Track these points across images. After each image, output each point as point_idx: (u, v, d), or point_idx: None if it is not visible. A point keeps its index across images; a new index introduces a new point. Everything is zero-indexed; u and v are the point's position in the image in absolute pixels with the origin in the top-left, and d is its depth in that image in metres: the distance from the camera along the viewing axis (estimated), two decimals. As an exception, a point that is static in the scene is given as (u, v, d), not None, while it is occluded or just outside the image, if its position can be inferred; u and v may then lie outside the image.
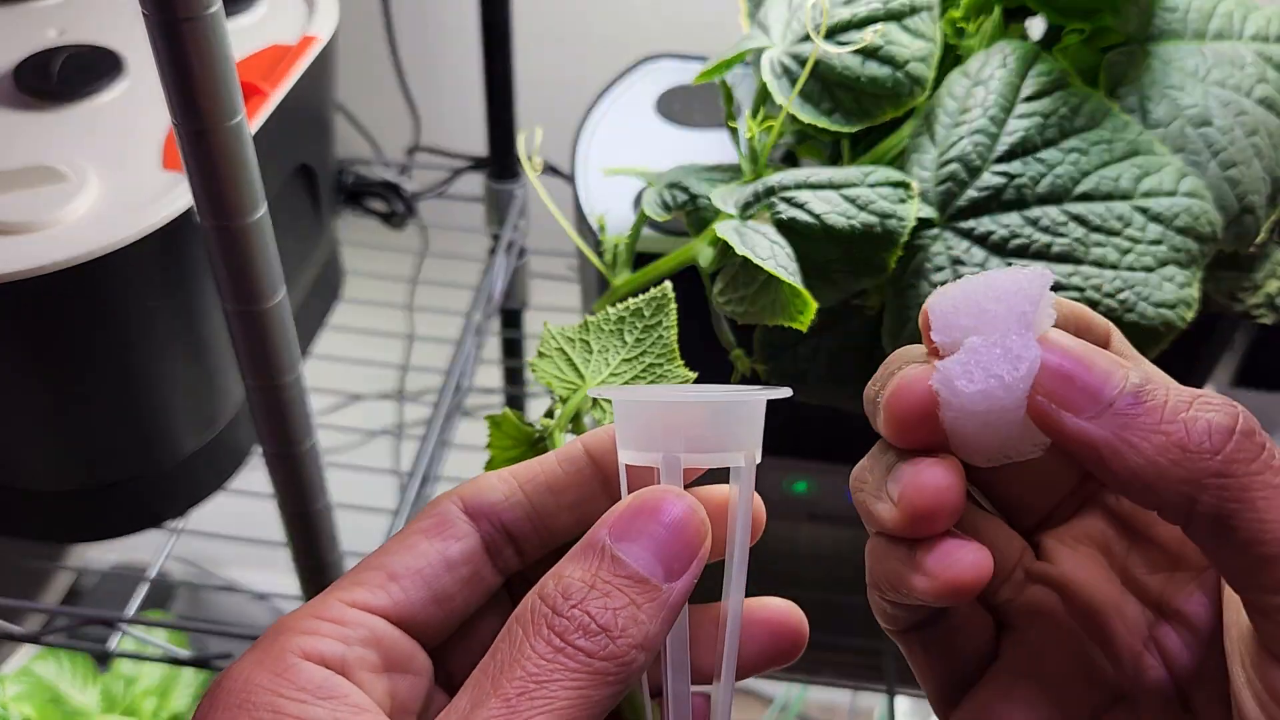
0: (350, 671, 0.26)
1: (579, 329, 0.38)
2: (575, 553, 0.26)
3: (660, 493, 0.27)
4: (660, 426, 0.28)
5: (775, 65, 0.50)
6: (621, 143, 0.65)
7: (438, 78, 0.97)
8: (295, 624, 0.26)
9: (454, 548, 0.28)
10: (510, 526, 0.29)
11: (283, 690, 0.25)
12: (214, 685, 0.25)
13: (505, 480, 0.29)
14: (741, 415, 0.28)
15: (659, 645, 0.26)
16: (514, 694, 0.23)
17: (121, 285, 0.52)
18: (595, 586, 0.25)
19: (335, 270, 0.79)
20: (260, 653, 0.26)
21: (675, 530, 0.26)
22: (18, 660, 0.99)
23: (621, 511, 0.26)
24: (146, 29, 0.35)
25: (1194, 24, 0.52)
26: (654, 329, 0.37)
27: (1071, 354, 0.24)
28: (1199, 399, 0.23)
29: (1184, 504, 0.23)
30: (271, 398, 0.46)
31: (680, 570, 0.26)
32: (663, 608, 0.25)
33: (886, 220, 0.46)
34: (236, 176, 0.38)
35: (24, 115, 0.57)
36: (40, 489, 0.60)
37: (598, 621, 0.24)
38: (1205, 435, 0.22)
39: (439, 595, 0.28)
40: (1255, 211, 0.49)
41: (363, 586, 0.27)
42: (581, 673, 0.24)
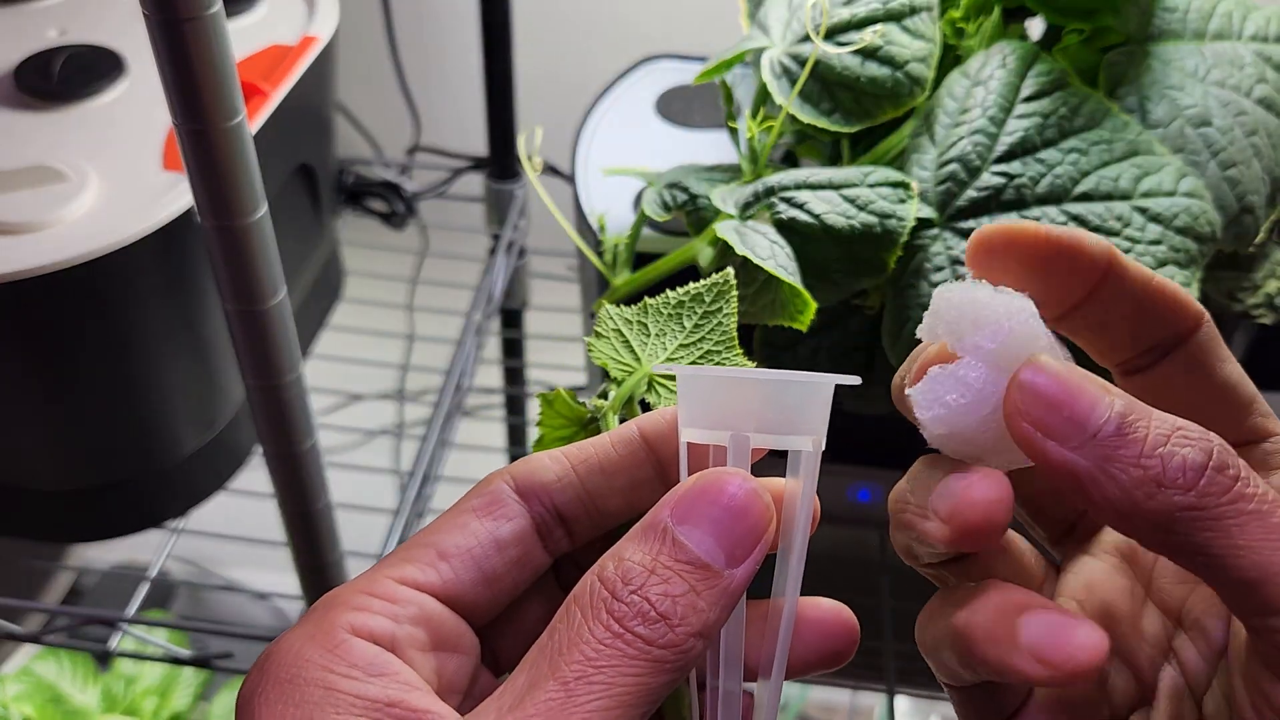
0: (400, 649, 0.26)
1: (637, 310, 0.37)
2: (635, 533, 0.25)
3: (725, 474, 0.26)
4: (729, 404, 0.27)
5: (775, 65, 0.50)
6: (621, 143, 0.65)
7: (438, 78, 0.97)
8: (346, 599, 0.26)
9: (505, 528, 0.28)
10: (562, 508, 0.29)
11: (334, 666, 0.24)
12: (263, 658, 0.25)
13: (558, 460, 0.29)
14: (812, 397, 0.27)
15: (717, 633, 0.25)
16: (572, 677, 0.23)
17: (122, 285, 0.52)
18: (655, 571, 0.24)
19: (335, 270, 0.79)
20: (311, 627, 0.25)
21: (739, 514, 0.25)
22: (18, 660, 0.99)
23: (685, 492, 0.26)
24: (147, 29, 0.35)
25: (1193, 24, 0.52)
26: (713, 315, 0.36)
27: (1059, 381, 0.24)
28: (1177, 432, 0.23)
29: (1160, 536, 0.23)
30: (272, 398, 0.46)
31: (742, 556, 0.25)
32: (723, 595, 0.25)
33: (886, 220, 0.46)
34: (237, 176, 0.38)
35: (24, 115, 0.57)
36: (40, 489, 0.60)
37: (657, 609, 0.24)
38: (1180, 471, 0.23)
39: (489, 575, 0.28)
40: (1254, 211, 0.49)
41: (413, 564, 0.27)
42: (639, 660, 0.24)
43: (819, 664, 0.29)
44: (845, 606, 0.30)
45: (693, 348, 0.36)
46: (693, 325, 0.36)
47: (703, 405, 0.27)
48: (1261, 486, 0.23)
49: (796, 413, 0.27)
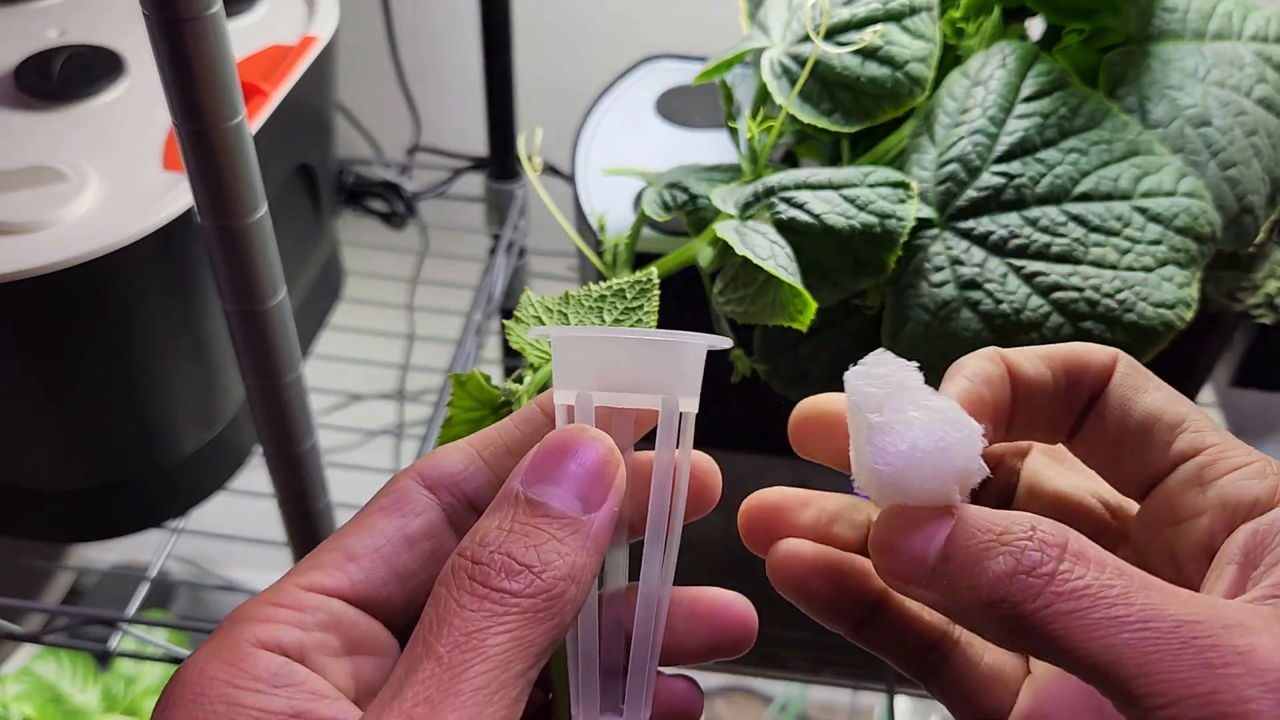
0: (309, 657, 0.25)
1: (559, 300, 0.37)
2: (490, 508, 0.26)
3: (565, 431, 0.26)
4: (580, 364, 0.27)
5: (775, 65, 0.50)
6: (621, 143, 0.65)
7: (438, 78, 0.97)
8: (250, 612, 0.26)
9: (414, 523, 0.28)
10: (472, 496, 0.28)
11: (237, 681, 0.24)
12: (171, 680, 0.25)
13: (462, 450, 0.29)
14: (665, 357, 0.27)
15: (590, 578, 0.25)
16: (445, 651, 0.23)
17: (122, 285, 0.52)
18: (513, 530, 0.25)
19: (335, 270, 0.79)
20: (215, 644, 0.25)
21: (582, 462, 0.26)
22: (18, 660, 0.99)
23: (531, 458, 0.26)
24: (147, 29, 0.35)
25: (1193, 24, 0.52)
26: (634, 312, 0.36)
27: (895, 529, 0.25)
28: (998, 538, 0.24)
29: (1018, 644, 0.24)
30: (272, 397, 0.46)
31: (599, 501, 0.25)
32: (586, 538, 0.25)
33: (886, 220, 0.46)
34: (237, 176, 0.38)
35: (25, 115, 0.57)
36: (40, 489, 0.60)
37: (519, 560, 0.24)
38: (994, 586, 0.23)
39: (400, 573, 0.27)
40: (1254, 211, 0.49)
41: (320, 569, 0.27)
42: (511, 615, 0.23)
43: (713, 652, 0.29)
44: (741, 595, 0.29)
45: None
46: (613, 320, 0.36)
47: (560, 366, 0.28)
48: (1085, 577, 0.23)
49: (648, 372, 0.27)
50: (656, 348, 0.27)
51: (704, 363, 0.28)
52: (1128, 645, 0.22)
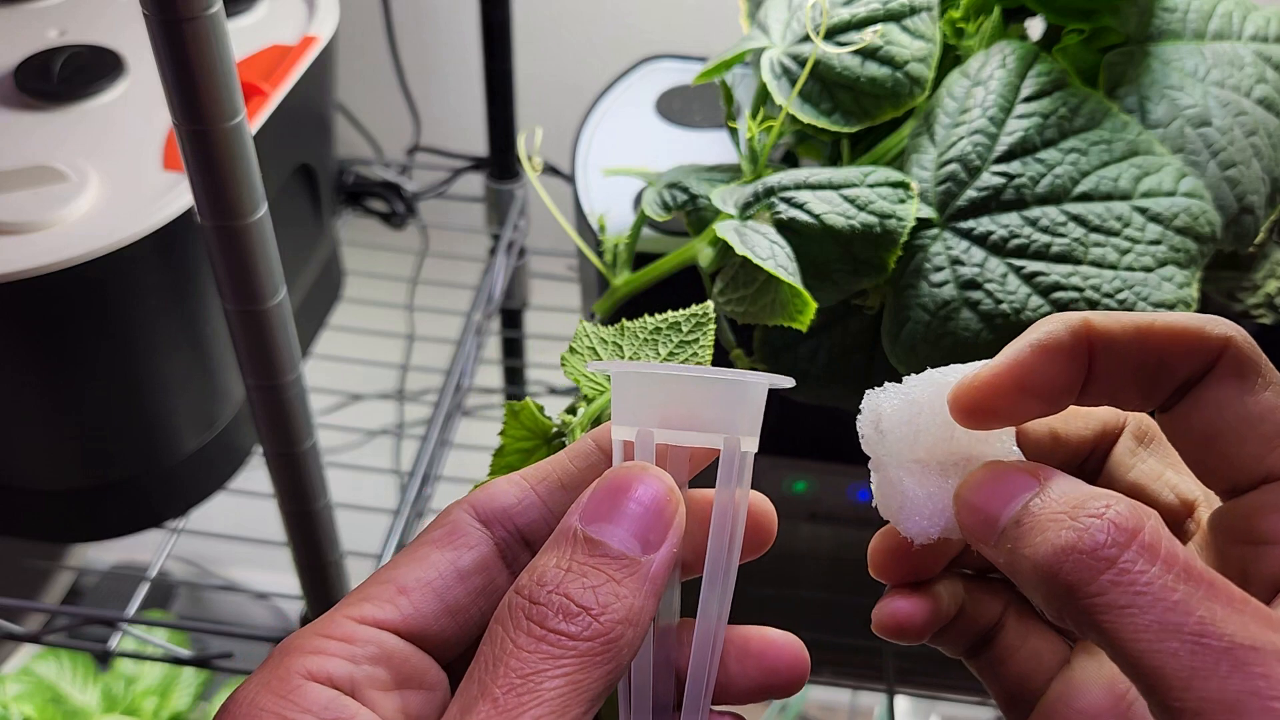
0: (359, 691, 0.25)
1: (615, 331, 0.37)
2: (548, 545, 0.25)
3: (625, 469, 0.26)
4: (640, 400, 0.27)
5: (775, 65, 0.50)
6: (621, 143, 0.65)
7: (438, 78, 0.97)
8: (301, 644, 0.25)
9: (466, 557, 0.27)
10: (525, 530, 0.28)
11: (287, 712, 0.24)
12: (220, 711, 0.25)
13: (516, 483, 0.29)
14: (727, 396, 0.27)
15: (647, 621, 0.25)
16: (501, 693, 0.23)
17: (122, 285, 0.52)
18: (571, 569, 0.24)
19: (335, 270, 0.79)
20: (266, 674, 0.25)
21: (644, 503, 0.25)
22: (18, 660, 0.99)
23: (589, 495, 0.26)
24: (147, 29, 0.35)
25: (1193, 24, 0.52)
26: (690, 345, 0.36)
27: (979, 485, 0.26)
28: (1076, 508, 0.23)
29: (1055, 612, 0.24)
30: (272, 398, 0.46)
31: (657, 542, 0.25)
32: (644, 580, 0.25)
33: (886, 220, 0.46)
34: (237, 176, 0.38)
35: (25, 115, 0.57)
36: (40, 489, 0.60)
37: (577, 602, 0.24)
38: (1051, 558, 0.23)
39: (452, 607, 0.27)
40: (1254, 211, 0.49)
41: (371, 601, 0.26)
42: (567, 658, 0.23)
43: (764, 693, 0.29)
44: (795, 638, 0.29)
45: None
46: (667, 353, 0.36)
47: (620, 401, 0.27)
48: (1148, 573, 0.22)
49: (710, 410, 0.27)
50: (720, 386, 0.27)
51: (765, 402, 0.28)
52: (1176, 656, 0.21)
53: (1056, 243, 0.46)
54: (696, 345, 0.36)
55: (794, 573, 0.72)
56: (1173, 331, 0.25)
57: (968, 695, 0.69)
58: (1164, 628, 0.21)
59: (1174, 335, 0.25)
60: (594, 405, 0.36)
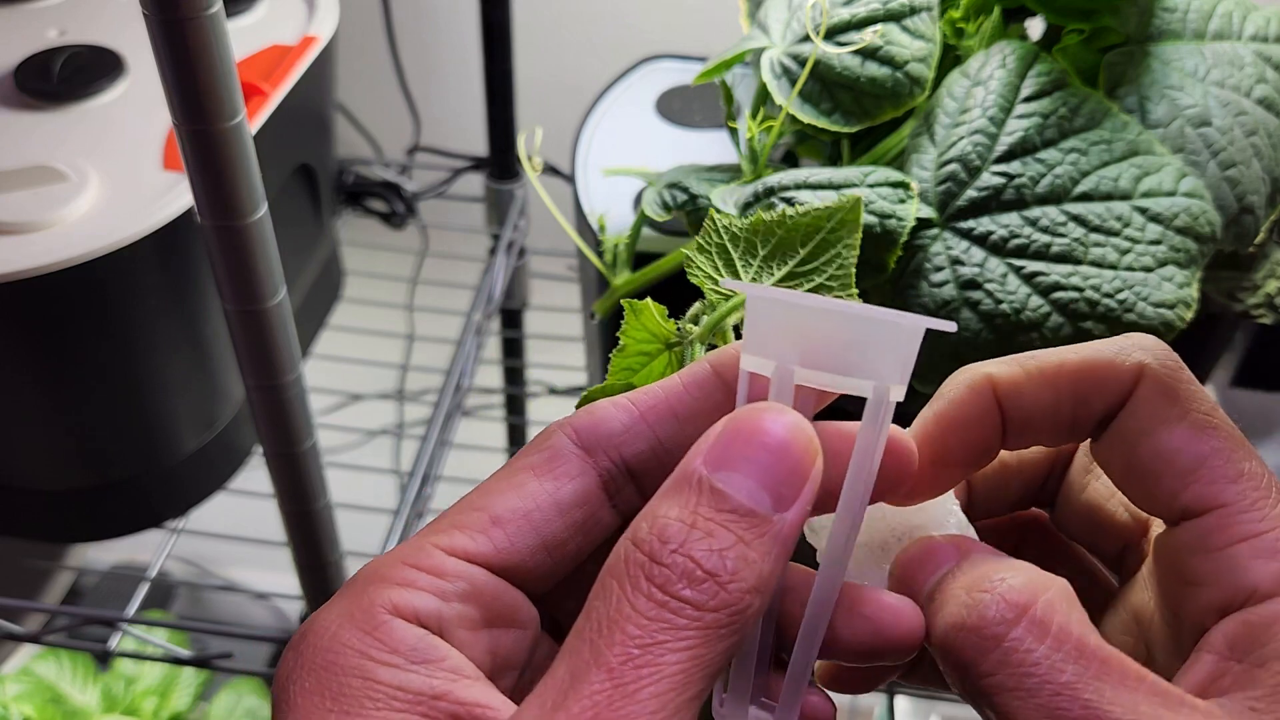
0: (447, 630, 0.23)
1: (749, 226, 0.32)
2: (668, 489, 0.23)
3: (759, 411, 0.23)
4: (782, 331, 0.24)
5: (775, 65, 0.50)
6: (621, 143, 0.65)
7: (438, 78, 0.97)
8: (388, 573, 0.23)
9: (566, 488, 0.25)
10: (631, 461, 0.25)
11: (373, 652, 0.22)
12: (298, 638, 0.23)
13: (624, 408, 0.26)
14: (881, 338, 0.24)
15: (774, 587, 0.22)
16: (617, 663, 0.20)
17: (122, 285, 0.52)
18: (696, 525, 0.21)
19: (335, 270, 0.79)
20: (348, 604, 0.23)
21: (779, 452, 0.22)
22: (18, 660, 0.99)
23: (717, 436, 0.23)
24: (147, 29, 0.35)
25: (1193, 24, 0.52)
26: (832, 244, 0.31)
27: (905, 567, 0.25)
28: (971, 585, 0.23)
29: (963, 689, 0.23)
30: (272, 398, 0.46)
31: (791, 498, 0.22)
32: (775, 542, 0.22)
33: (886, 220, 0.46)
34: (237, 176, 0.38)
35: (24, 115, 0.57)
36: (40, 489, 0.60)
37: (704, 566, 0.21)
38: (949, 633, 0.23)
39: (549, 542, 0.25)
40: (1254, 211, 0.49)
41: (463, 531, 0.24)
42: (691, 629, 0.21)
43: (867, 655, 0.26)
44: (911, 602, 0.26)
45: (803, 279, 0.31)
46: (807, 252, 0.31)
47: (758, 330, 0.24)
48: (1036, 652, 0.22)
49: (860, 352, 0.24)
50: (874, 326, 0.24)
51: (918, 347, 0.24)
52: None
53: (1056, 243, 0.46)
54: (841, 245, 0.31)
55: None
56: (1083, 369, 0.25)
57: (968, 695, 0.69)
58: (1050, 712, 0.21)
59: (1084, 372, 0.25)
60: (717, 314, 0.31)
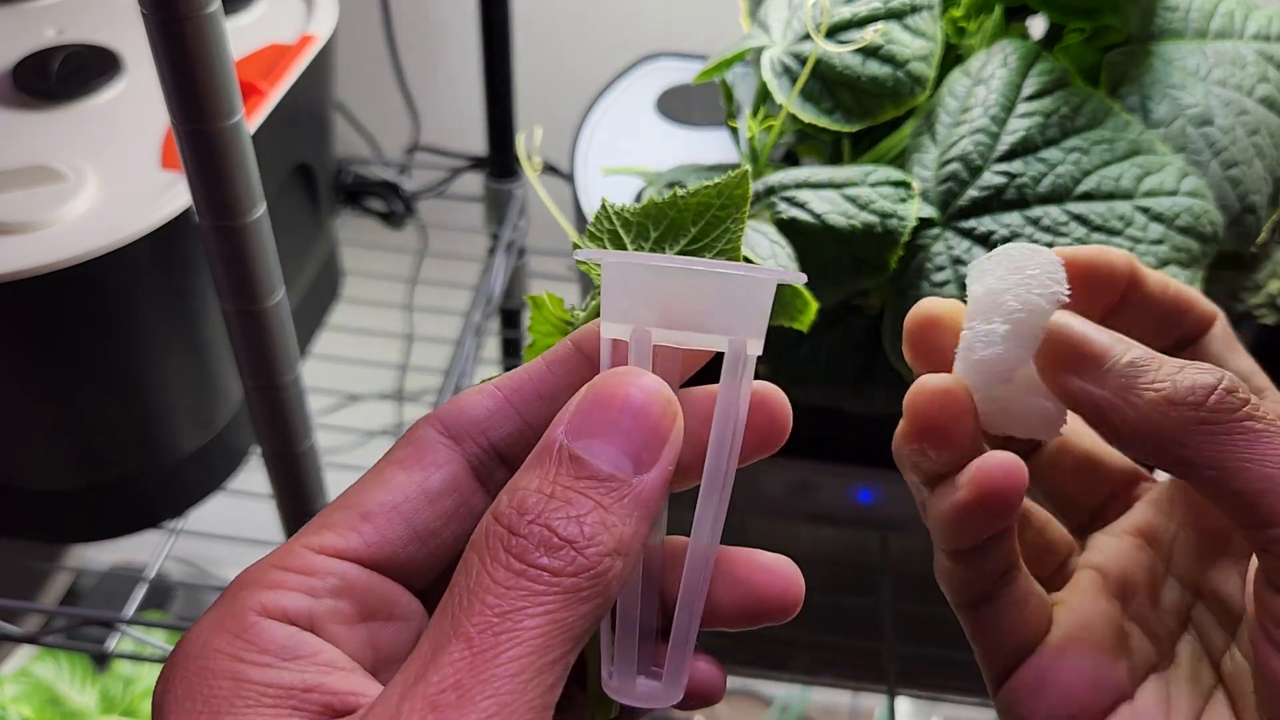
0: (319, 626, 0.23)
1: (641, 210, 0.32)
2: (530, 461, 0.23)
3: (618, 376, 0.23)
4: (637, 294, 0.24)
5: (775, 64, 0.50)
6: (621, 142, 0.65)
7: (438, 77, 0.97)
8: (255, 578, 0.23)
9: (434, 477, 0.25)
10: (500, 444, 0.26)
11: (243, 654, 0.22)
12: (174, 651, 0.23)
13: (488, 394, 0.26)
14: (734, 293, 0.24)
15: (639, 549, 0.23)
16: (475, 632, 0.21)
17: (120, 285, 0.52)
18: (554, 495, 0.22)
19: (334, 270, 0.79)
20: (219, 612, 0.23)
21: (638, 415, 0.23)
22: (16, 661, 0.99)
23: (577, 404, 0.23)
24: (145, 28, 0.35)
25: (1195, 23, 0.51)
26: (721, 223, 0.31)
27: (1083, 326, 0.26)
28: (1189, 365, 0.25)
29: (1176, 451, 0.24)
30: (270, 398, 0.46)
31: (651, 460, 0.23)
32: (636, 504, 0.22)
33: (887, 220, 0.46)
34: (235, 176, 0.38)
35: (22, 115, 0.56)
36: (39, 489, 0.60)
37: (560, 534, 0.21)
38: (1190, 391, 0.24)
39: (420, 532, 0.25)
40: (1257, 211, 0.49)
41: (332, 529, 0.24)
42: (549, 595, 0.21)
43: (748, 618, 0.26)
44: (789, 561, 0.27)
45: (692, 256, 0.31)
46: (698, 230, 0.31)
47: (619, 297, 0.24)
48: (1270, 414, 0.24)
49: (714, 309, 0.24)
50: (726, 281, 0.24)
51: (771, 301, 0.25)
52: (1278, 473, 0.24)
53: (1058, 242, 0.46)
54: (729, 221, 0.31)
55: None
56: (1182, 296, 0.29)
57: (969, 696, 0.69)
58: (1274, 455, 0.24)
59: (1183, 299, 0.29)
60: (596, 301, 0.32)
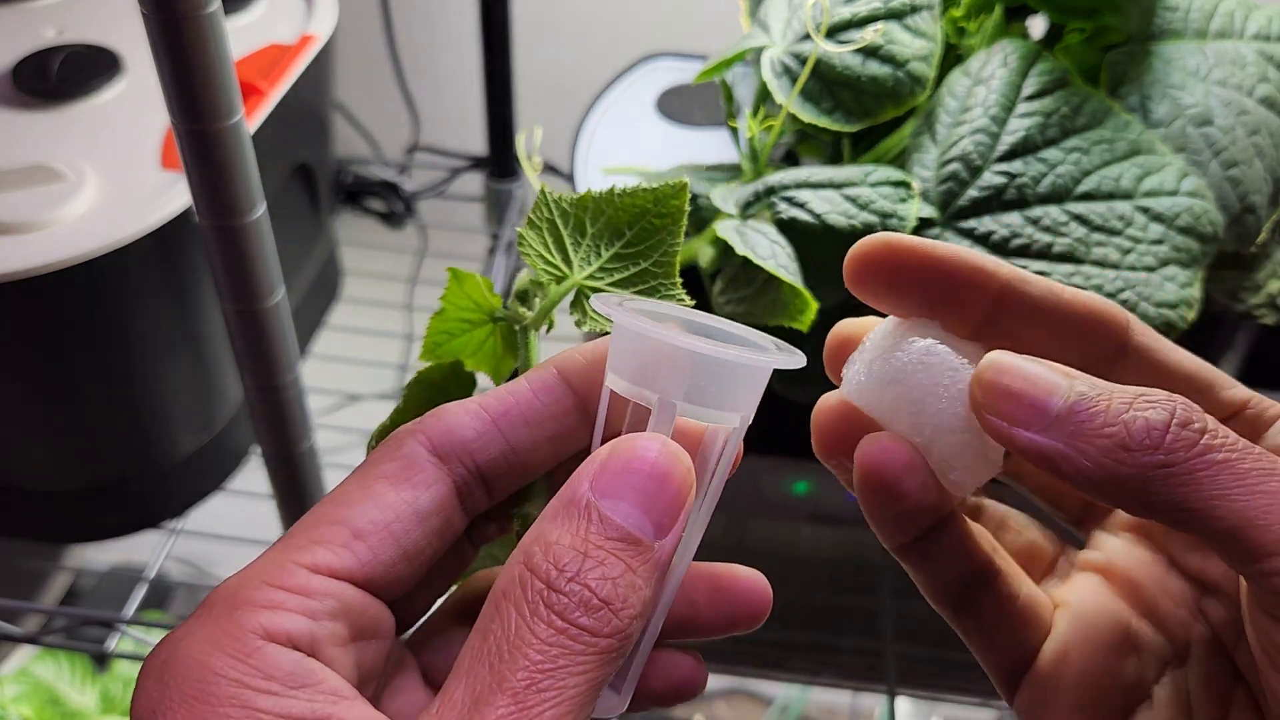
0: (319, 650, 0.23)
1: (578, 202, 0.32)
2: (557, 512, 0.23)
3: (645, 441, 0.24)
4: (664, 366, 0.25)
5: (775, 64, 0.50)
6: (621, 142, 0.65)
7: (438, 77, 0.97)
8: (252, 596, 0.23)
9: (424, 497, 0.25)
10: (485, 467, 0.26)
11: (249, 681, 0.22)
12: (159, 667, 0.22)
13: (476, 414, 0.26)
14: (750, 377, 0.26)
15: (652, 611, 0.23)
16: (521, 687, 0.21)
17: (120, 285, 0.52)
18: (589, 554, 0.22)
19: (334, 270, 0.79)
20: (214, 630, 0.22)
21: (662, 482, 0.23)
22: (16, 661, 0.99)
23: (603, 462, 0.24)
24: (145, 28, 0.35)
25: (1195, 23, 0.51)
26: (658, 233, 0.31)
27: (1016, 372, 0.24)
28: (1139, 398, 0.23)
29: (1138, 498, 0.23)
30: (270, 398, 0.45)
31: (669, 526, 0.23)
32: (655, 569, 0.23)
33: (887, 220, 0.46)
34: (235, 176, 0.38)
35: (22, 115, 0.56)
36: (39, 489, 0.60)
37: (599, 595, 0.22)
38: (1145, 433, 0.23)
39: (409, 551, 0.25)
40: (1257, 211, 0.49)
41: (324, 546, 0.24)
42: (586, 654, 0.22)
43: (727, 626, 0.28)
44: (761, 575, 0.29)
45: (628, 263, 0.32)
46: (634, 235, 0.31)
47: (634, 359, 0.25)
48: (1230, 436, 0.23)
49: (731, 389, 0.25)
50: (742, 368, 0.26)
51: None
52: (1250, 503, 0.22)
53: (1059, 242, 0.46)
54: (666, 233, 0.31)
55: (794, 573, 0.72)
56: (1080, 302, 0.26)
57: (969, 696, 0.69)
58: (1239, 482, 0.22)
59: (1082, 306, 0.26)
60: (550, 297, 0.32)
